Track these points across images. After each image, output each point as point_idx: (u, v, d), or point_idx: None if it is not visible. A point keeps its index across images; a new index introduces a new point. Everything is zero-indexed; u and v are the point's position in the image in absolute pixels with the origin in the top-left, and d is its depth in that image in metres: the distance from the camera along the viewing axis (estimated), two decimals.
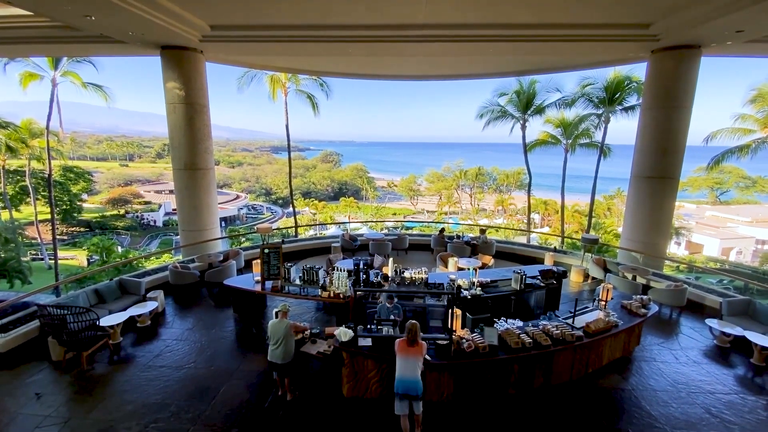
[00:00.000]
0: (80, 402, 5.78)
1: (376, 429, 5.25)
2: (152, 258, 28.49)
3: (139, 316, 7.98)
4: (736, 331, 7.42)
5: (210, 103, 12.88)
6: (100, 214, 55.99)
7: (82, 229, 49.55)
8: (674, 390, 6.23)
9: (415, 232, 20.33)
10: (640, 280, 10.24)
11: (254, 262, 9.03)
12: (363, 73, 17.13)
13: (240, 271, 11.21)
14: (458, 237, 13.81)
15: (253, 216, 65.71)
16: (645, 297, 7.57)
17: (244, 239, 29.50)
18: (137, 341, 7.54)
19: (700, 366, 6.97)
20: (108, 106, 22.25)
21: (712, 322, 7.78)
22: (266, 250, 8.21)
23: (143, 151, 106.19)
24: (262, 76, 22.31)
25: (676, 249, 41.18)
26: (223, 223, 52.74)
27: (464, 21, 10.28)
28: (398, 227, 30.32)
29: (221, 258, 11.29)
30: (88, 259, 34.43)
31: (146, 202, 62.88)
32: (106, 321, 7.23)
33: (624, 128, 20.94)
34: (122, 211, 57.93)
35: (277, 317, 5.82)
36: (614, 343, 6.80)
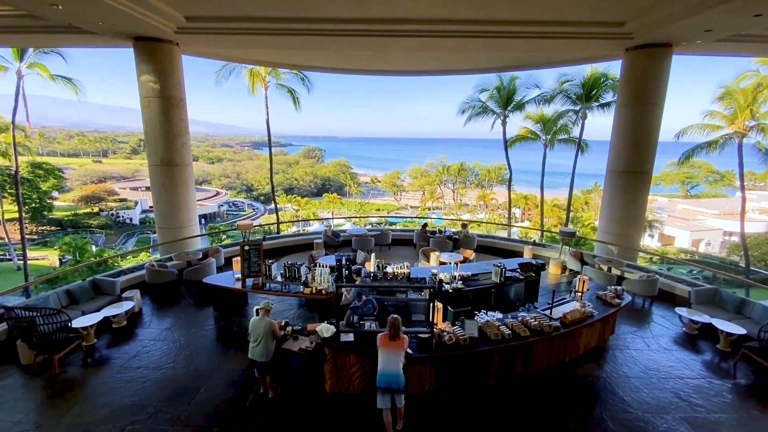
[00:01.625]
0: (52, 406, 5.59)
1: (359, 423, 5.28)
2: (129, 257, 27.69)
3: (115, 316, 7.76)
4: (704, 318, 7.77)
5: (187, 97, 12.54)
6: (73, 212, 53.92)
7: (53, 228, 47.65)
8: (646, 376, 6.48)
9: (398, 228, 20.38)
10: (615, 271, 10.59)
11: (234, 259, 8.90)
12: (345, 68, 16.98)
13: (220, 269, 11.03)
14: (440, 232, 13.94)
15: (234, 213, 64.57)
16: (619, 288, 7.84)
17: (224, 236, 29.00)
18: (113, 342, 7.33)
19: (670, 353, 7.27)
20: (78, 99, 21.32)
21: (682, 311, 8.12)
22: (246, 247, 8.10)
23: (118, 146, 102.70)
24: (241, 70, 21.83)
25: (649, 241, 42.70)
26: (202, 220, 51.67)
27: (445, 16, 10.30)
28: (382, 223, 30.33)
29: (200, 256, 11.07)
30: (60, 259, 33.17)
31: (122, 200, 60.92)
32: (79, 322, 7.01)
33: (600, 124, 21.51)
34: (96, 209, 55.94)
35: (258, 315, 5.76)
36: (590, 332, 7.02)
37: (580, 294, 7.38)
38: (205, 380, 6.16)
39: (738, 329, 7.25)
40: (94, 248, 32.35)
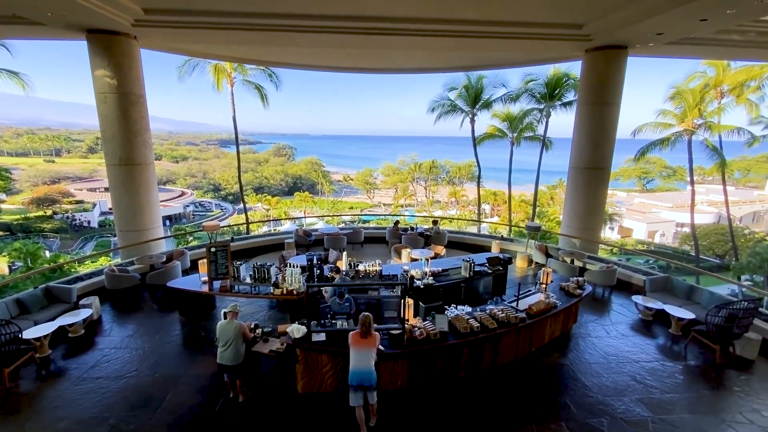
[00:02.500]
0: (4, 423, 5.23)
1: (332, 422, 5.27)
2: (87, 262, 26.21)
3: (71, 325, 7.35)
4: (657, 305, 8.29)
5: (148, 93, 11.99)
6: (22, 215, 50.30)
7: (1, 234, 44.33)
8: (605, 362, 6.85)
9: (371, 226, 20.42)
10: (577, 263, 11.09)
11: (201, 261, 8.63)
12: (315, 65, 16.76)
13: (186, 272, 10.65)
14: (412, 229, 14.08)
15: (201, 213, 62.38)
16: (581, 279, 8.22)
17: (191, 238, 28.02)
18: (69, 353, 6.94)
19: (627, 338, 7.71)
20: (26, 95, 19.89)
21: (638, 299, 8.63)
22: (213, 249, 7.87)
23: (72, 145, 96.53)
24: (206, 65, 21.10)
25: (609, 233, 44.94)
26: (167, 221, 49.64)
27: (414, 15, 10.38)
28: (355, 221, 30.27)
29: (164, 259, 10.65)
30: (9, 266, 30.91)
31: (78, 201, 57.41)
32: (30, 333, 6.59)
33: (563, 122, 22.36)
34: (49, 212, 52.43)
35: (226, 318, 5.63)
36: (554, 322, 7.33)
37: (544, 286, 7.68)
38: (172, 387, 5.96)
39: (688, 314, 7.78)
40: (47, 254, 30.38)
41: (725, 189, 29.85)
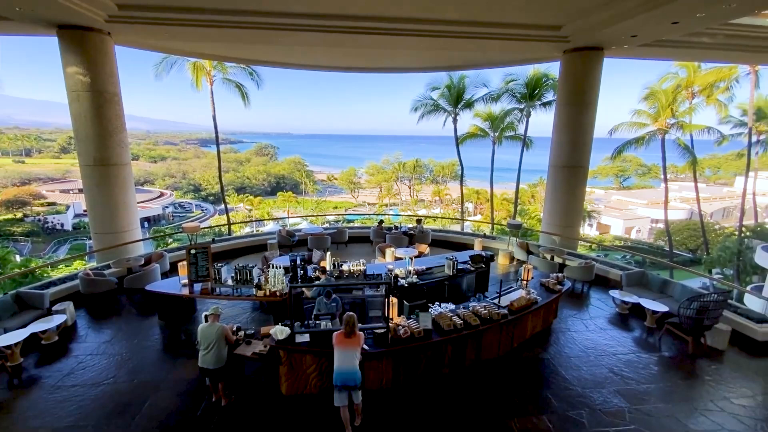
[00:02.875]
0: None
1: (317, 423, 5.25)
2: (61, 266, 25.29)
3: (44, 332, 7.08)
4: (633, 299, 8.56)
5: (124, 91, 11.63)
6: None
7: None
8: (584, 355, 7.03)
9: (356, 225, 20.38)
10: (557, 259, 11.33)
11: (180, 264, 8.43)
12: (298, 63, 16.58)
13: (165, 275, 10.41)
14: (396, 228, 14.12)
15: (181, 215, 60.99)
16: (560, 275, 8.42)
17: (171, 240, 27.37)
18: (42, 361, 6.69)
19: (605, 332, 7.94)
20: None
21: (615, 293, 8.89)
22: (193, 251, 7.72)
23: (44, 145, 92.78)
24: (184, 63, 20.60)
25: (588, 230, 46.12)
26: (146, 223, 48.33)
27: (395, 14, 10.39)
28: (339, 221, 30.15)
29: (142, 262, 10.37)
30: None
31: (50, 203, 55.24)
32: (0, 341, 6.31)
33: (543, 122, 22.81)
34: (19, 215, 50.29)
35: (207, 321, 5.53)
36: (535, 318, 7.48)
37: (525, 282, 7.83)
38: (151, 393, 5.81)
39: (662, 307, 8.07)
40: (18, 258, 29.16)
41: (696, 186, 31.03)
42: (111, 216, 11.49)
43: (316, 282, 7.67)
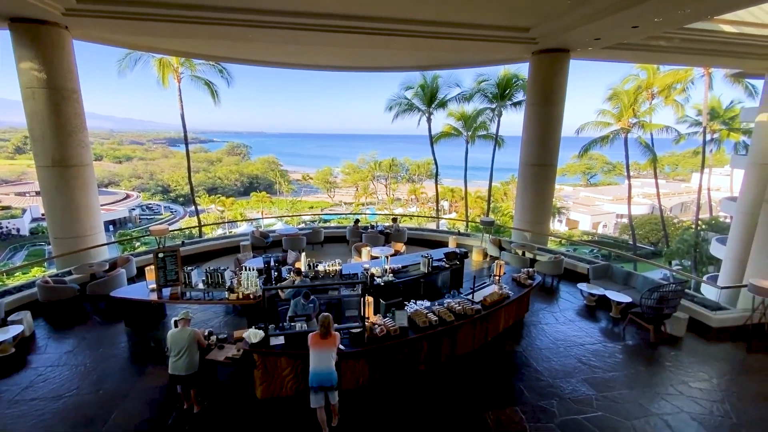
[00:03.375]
0: None
1: (294, 426, 5.19)
2: (17, 273, 23.82)
3: None
4: (599, 291, 8.94)
5: (84, 87, 11.06)
6: None
7: None
8: (554, 346, 7.29)
9: (332, 225, 20.25)
10: (528, 255, 11.68)
11: (148, 268, 8.14)
12: (270, 61, 16.30)
13: (132, 280, 9.98)
14: (373, 227, 14.13)
15: (149, 217, 58.73)
16: (531, 269, 8.68)
17: (138, 244, 26.33)
18: None
19: (573, 323, 8.25)
20: None
21: (582, 286, 9.25)
22: (161, 255, 7.46)
23: None
24: (149, 59, 19.82)
25: (558, 226, 47.73)
26: (110, 226, 46.23)
27: (367, 13, 10.37)
28: (315, 221, 29.85)
29: (107, 267, 9.91)
30: None
31: (5, 207, 51.85)
32: None
33: (514, 121, 23.40)
34: None
35: (177, 326, 5.36)
36: (508, 312, 7.69)
37: (497, 278, 8.03)
38: (118, 403, 5.58)
39: (625, 298, 8.47)
40: None
41: (657, 182, 32.72)
42: (72, 220, 10.91)
43: (289, 282, 7.57)
